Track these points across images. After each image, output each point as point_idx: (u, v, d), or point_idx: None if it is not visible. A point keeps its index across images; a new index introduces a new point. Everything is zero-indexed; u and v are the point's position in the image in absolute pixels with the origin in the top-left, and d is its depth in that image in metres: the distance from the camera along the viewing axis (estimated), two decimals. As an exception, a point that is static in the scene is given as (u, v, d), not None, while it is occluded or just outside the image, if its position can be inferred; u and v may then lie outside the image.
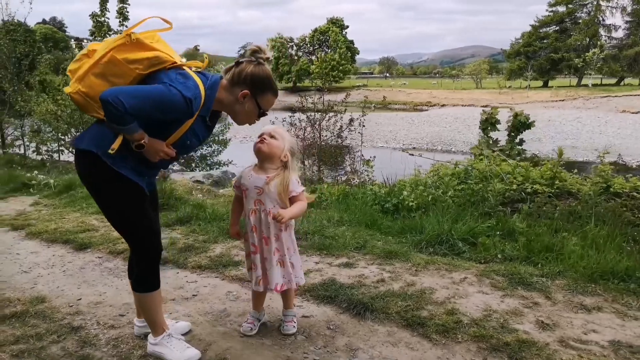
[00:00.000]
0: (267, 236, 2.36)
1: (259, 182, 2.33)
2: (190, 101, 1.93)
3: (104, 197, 2.10)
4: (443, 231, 4.01)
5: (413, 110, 51.65)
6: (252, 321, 2.58)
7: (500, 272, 3.23)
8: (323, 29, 73.04)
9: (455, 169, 6.20)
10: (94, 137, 2.03)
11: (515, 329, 2.54)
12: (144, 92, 1.87)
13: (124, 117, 1.82)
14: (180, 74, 1.99)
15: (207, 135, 2.21)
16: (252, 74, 2.08)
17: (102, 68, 1.92)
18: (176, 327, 2.51)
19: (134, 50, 1.94)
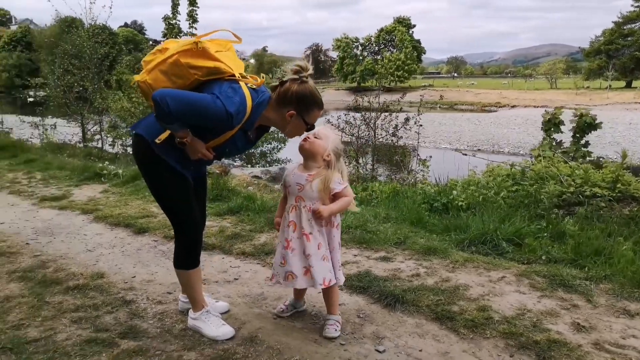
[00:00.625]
0: (308, 232, 2.39)
1: (300, 179, 2.40)
2: (232, 115, 2.04)
3: (150, 178, 2.32)
4: (488, 231, 3.94)
5: (481, 111, 49.98)
6: (287, 305, 2.70)
7: (541, 273, 3.15)
8: (389, 28, 72.41)
9: (511, 170, 6.04)
10: (148, 125, 2.24)
11: (548, 329, 2.49)
12: (191, 99, 2.01)
13: (168, 116, 1.98)
14: (231, 88, 2.10)
15: (248, 147, 2.36)
16: (297, 93, 2.18)
17: (167, 67, 2.09)
18: (216, 306, 2.68)
19: (197, 57, 2.09)
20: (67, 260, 3.43)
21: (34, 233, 4.03)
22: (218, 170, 7.18)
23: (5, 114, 17.44)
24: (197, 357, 2.27)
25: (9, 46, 72.80)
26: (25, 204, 4.92)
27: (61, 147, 11.00)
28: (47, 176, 6.21)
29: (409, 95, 10.25)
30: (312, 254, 2.39)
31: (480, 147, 24.70)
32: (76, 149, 10.87)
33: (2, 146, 8.17)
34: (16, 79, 59.44)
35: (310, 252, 2.39)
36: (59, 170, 6.44)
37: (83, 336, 2.41)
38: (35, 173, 6.38)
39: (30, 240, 3.85)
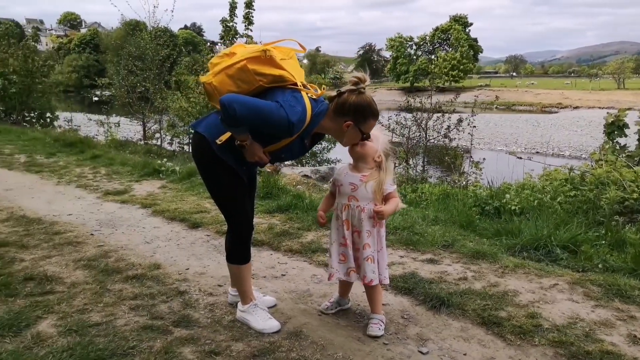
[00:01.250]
0: (359, 230, 2.48)
1: (354, 180, 2.47)
2: (293, 125, 2.12)
3: (207, 176, 2.43)
4: (541, 236, 3.83)
5: (540, 112, 48.02)
6: (332, 302, 2.76)
7: (597, 282, 3.02)
8: (445, 27, 70.94)
9: (570, 174, 5.80)
10: (209, 125, 2.34)
11: (601, 340, 2.40)
12: (257, 106, 2.08)
13: (233, 120, 2.07)
14: (294, 97, 2.18)
15: (302, 153, 2.45)
16: (354, 104, 2.24)
17: (234, 71, 2.19)
18: (263, 300, 2.76)
19: (264, 65, 2.19)
20: (127, 251, 3.65)
21: (98, 224, 4.31)
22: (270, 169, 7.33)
23: (75, 112, 18.62)
24: (244, 347, 2.36)
25: (78, 48, 77.54)
26: (91, 197, 5.25)
27: (124, 144, 11.62)
28: (110, 171, 6.60)
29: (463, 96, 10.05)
30: (360, 251, 2.49)
31: (539, 149, 23.72)
32: (137, 146, 11.45)
33: (71, 142, 8.74)
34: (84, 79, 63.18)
35: (360, 247, 2.50)
36: (121, 166, 6.83)
37: (140, 322, 2.57)
38: (100, 168, 6.80)
39: (94, 231, 4.12)
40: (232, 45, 2.46)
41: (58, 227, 4.17)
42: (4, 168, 6.80)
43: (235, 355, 2.29)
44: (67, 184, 5.92)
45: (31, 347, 2.28)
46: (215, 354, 2.29)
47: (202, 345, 2.36)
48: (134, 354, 2.27)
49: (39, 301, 2.75)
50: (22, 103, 14.52)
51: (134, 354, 2.27)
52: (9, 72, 14.04)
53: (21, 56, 14.33)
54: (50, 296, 2.84)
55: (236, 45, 2.34)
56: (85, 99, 41.59)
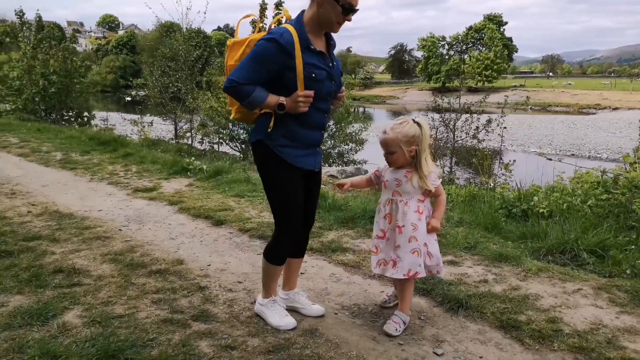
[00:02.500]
0: (402, 225, 2.47)
1: (399, 175, 2.50)
2: (274, 39, 2.14)
3: (263, 175, 2.44)
4: (568, 240, 3.73)
5: (577, 113, 46.59)
6: (391, 295, 2.80)
7: (623, 288, 2.93)
8: (478, 26, 69.69)
9: (602, 177, 5.61)
10: (256, 128, 2.40)
11: (624, 347, 2.32)
12: (242, 63, 2.19)
13: (242, 89, 2.13)
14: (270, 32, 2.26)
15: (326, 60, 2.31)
16: None
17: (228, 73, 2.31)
18: (312, 308, 2.69)
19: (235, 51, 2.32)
20: (152, 247, 3.75)
21: (126, 220, 4.44)
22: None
23: (111, 112, 19.21)
24: (259, 343, 2.40)
25: (116, 49, 79.86)
26: (121, 194, 5.42)
27: (156, 142, 11.92)
28: (141, 169, 6.78)
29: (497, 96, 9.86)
30: (402, 246, 2.46)
31: (575, 152, 23.06)
32: (169, 145, 11.72)
33: (105, 141, 9.01)
34: (121, 79, 65.05)
35: (400, 243, 2.47)
36: (151, 164, 7.01)
37: (161, 316, 2.64)
38: (131, 166, 7.00)
39: (122, 227, 4.25)
40: None
41: (88, 222, 4.32)
42: (41, 165, 7.09)
43: (250, 350, 2.33)
44: (99, 180, 6.12)
45: (57, 336, 2.38)
46: (231, 349, 2.34)
47: (218, 340, 2.41)
48: (152, 345, 2.34)
49: (66, 293, 2.86)
50: (61, 102, 15.08)
51: (152, 345, 2.34)
52: (50, 73, 14.60)
53: (60, 57, 14.88)
54: (77, 288, 2.95)
55: None
56: (121, 99, 42.83)
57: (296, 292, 2.73)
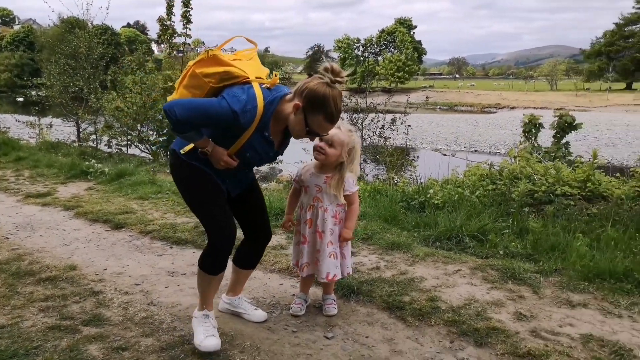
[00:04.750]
0: (321, 230, 2.57)
1: (319, 181, 2.56)
2: (237, 113, 2.00)
3: (182, 187, 2.32)
4: (454, 227, 4.07)
5: (480, 113, 50.01)
6: (300, 302, 2.77)
7: (495, 267, 3.27)
8: (390, 29, 72.55)
9: (490, 170, 6.16)
10: (178, 139, 2.28)
11: (490, 318, 2.61)
12: (196, 104, 2.01)
13: (178, 124, 1.98)
14: (240, 89, 2.07)
15: (269, 151, 2.23)
16: (310, 89, 2.07)
17: (187, 80, 2.14)
18: (254, 313, 2.65)
19: (209, 65, 2.10)
20: (42, 254, 3.56)
21: (14, 228, 4.16)
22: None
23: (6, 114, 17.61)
24: (153, 342, 2.40)
25: (11, 46, 73.16)
26: (10, 201, 5.06)
27: (56, 146, 11.14)
28: (34, 174, 6.35)
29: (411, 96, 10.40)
30: (322, 251, 2.59)
31: (477, 148, 24.75)
32: (71, 148, 11.01)
33: (-6, 145, 8.32)
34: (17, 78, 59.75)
35: (320, 248, 2.60)
36: (47, 168, 6.59)
37: (48, 323, 2.54)
38: (23, 171, 6.53)
39: (9, 234, 3.99)
40: None
41: (-30, 232, 4.00)
42: None
43: (143, 350, 2.33)
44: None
45: None
46: (123, 350, 2.32)
47: (110, 342, 2.38)
48: (37, 353, 2.26)
49: (-60, 306, 2.66)
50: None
51: (37, 353, 2.26)
52: None
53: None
54: (-47, 301, 2.74)
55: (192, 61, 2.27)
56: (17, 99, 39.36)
57: (239, 298, 2.69)
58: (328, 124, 2.13)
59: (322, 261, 2.59)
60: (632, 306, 2.73)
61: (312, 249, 2.62)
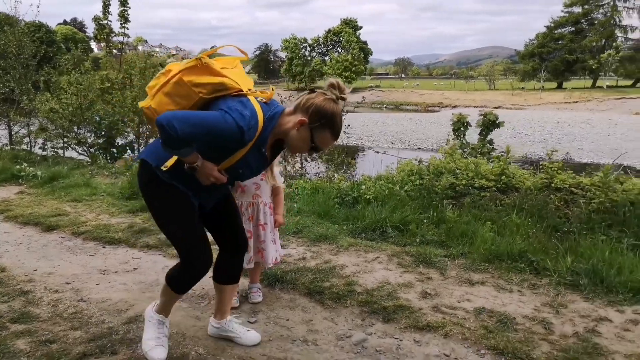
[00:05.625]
0: (264, 223, 2.83)
1: (256, 179, 2.77)
2: (243, 130, 1.87)
3: (153, 204, 2.14)
4: (379, 219, 4.38)
5: (424, 111, 51.62)
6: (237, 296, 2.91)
7: (410, 253, 3.59)
8: (336, 30, 73.42)
9: (419, 166, 6.56)
10: (153, 150, 2.10)
11: (399, 297, 2.91)
12: (198, 119, 1.84)
13: (176, 141, 1.81)
14: (239, 102, 1.94)
15: (263, 166, 2.15)
16: (318, 105, 1.98)
17: (170, 88, 1.97)
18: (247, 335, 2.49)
19: (201, 74, 1.95)
20: (-31, 258, 3.55)
21: (-62, 234, 4.09)
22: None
23: None
24: (81, 335, 2.51)
25: None
26: None
27: (-17, 150, 10.66)
28: (-40, 179, 6.15)
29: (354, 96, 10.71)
30: (266, 240, 2.85)
31: (420, 145, 25.63)
32: (2, 152, 10.57)
33: None
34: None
35: (265, 238, 2.85)
36: (-26, 173, 6.38)
37: (-26, 323, 2.59)
38: (-53, 176, 6.30)
39: None
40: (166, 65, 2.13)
41: None
42: None
43: (71, 342, 2.43)
44: None
45: None
46: (51, 342, 2.42)
47: (38, 337, 2.47)
48: (-39, 351, 2.32)
49: None
50: None
51: (-39, 351, 2.32)
52: None
53: None
54: None
55: (172, 64, 2.09)
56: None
57: (229, 321, 2.50)
58: (333, 139, 2.07)
59: (268, 249, 2.85)
60: (522, 282, 3.11)
61: (256, 240, 2.84)
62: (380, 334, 2.55)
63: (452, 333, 2.52)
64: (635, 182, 4.88)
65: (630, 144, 23.46)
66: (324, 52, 75.83)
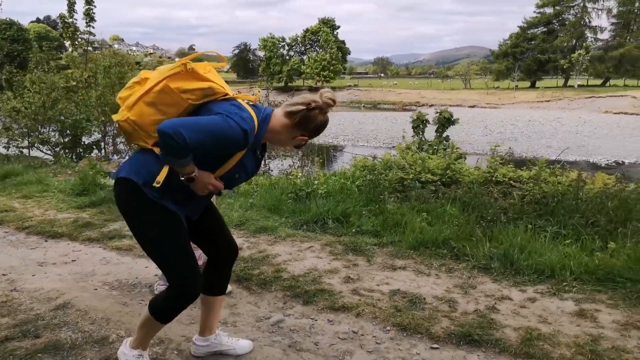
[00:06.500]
0: None
1: None
2: (247, 134, 1.84)
3: (140, 227, 1.99)
4: (322, 212, 4.55)
5: (402, 110, 52.13)
6: None
7: (343, 242, 3.76)
8: (314, 29, 73.58)
9: (373, 162, 6.76)
10: (135, 166, 1.94)
11: (322, 282, 3.07)
12: (205, 126, 1.78)
13: (184, 150, 1.74)
14: (234, 105, 1.91)
15: (257, 168, 2.10)
16: (319, 124, 2.01)
17: (154, 97, 1.88)
18: (238, 344, 2.41)
19: (187, 80, 1.89)
20: None
21: None
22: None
23: None
24: (7, 321, 2.60)
25: None
26: None
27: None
28: None
29: None
30: None
31: (395, 144, 25.93)
32: (-37, 152, 10.45)
33: None
34: None
35: None
36: None
37: None
38: None
39: None
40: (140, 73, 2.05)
41: None
42: None
43: (-4, 328, 2.53)
44: None
45: None
46: (-25, 329, 2.51)
47: (-36, 324, 2.55)
48: None
49: None
50: None
51: None
52: None
53: None
54: None
55: (145, 71, 2.01)
56: None
57: (217, 335, 2.37)
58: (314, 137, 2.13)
59: None
60: (441, 267, 3.30)
61: None
62: (298, 315, 2.71)
63: (364, 313, 2.69)
64: (569, 175, 5.16)
65: (596, 141, 24.26)
66: (302, 52, 75.92)
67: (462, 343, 2.39)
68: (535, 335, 2.39)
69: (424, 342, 2.41)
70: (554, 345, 2.32)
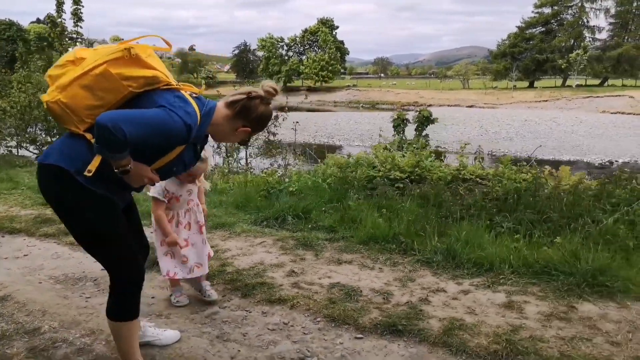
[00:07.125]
0: (202, 224, 2.80)
1: (190, 186, 2.72)
2: (191, 128, 1.78)
3: (74, 217, 1.87)
4: (283, 209, 4.58)
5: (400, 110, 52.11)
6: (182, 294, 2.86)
7: (296, 238, 3.79)
8: (313, 29, 73.63)
9: (346, 160, 6.79)
10: (64, 152, 1.82)
11: (265, 275, 3.10)
12: (147, 119, 1.70)
13: (122, 145, 1.65)
14: (177, 97, 1.83)
15: (194, 161, 2.05)
16: (261, 115, 1.96)
17: (92, 80, 1.75)
18: (165, 334, 2.41)
19: (130, 66, 1.78)
20: None
21: None
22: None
23: None
24: (-55, 314, 2.64)
25: None
26: None
27: None
28: None
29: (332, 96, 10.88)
30: (205, 243, 2.82)
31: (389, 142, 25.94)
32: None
33: None
34: None
35: (204, 238, 2.82)
36: None
37: None
38: None
39: None
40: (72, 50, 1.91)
41: None
42: None
43: None
44: None
45: None
46: None
47: None
48: None
49: None
50: None
51: None
52: None
53: None
54: None
55: (80, 49, 1.86)
56: None
57: (143, 327, 2.36)
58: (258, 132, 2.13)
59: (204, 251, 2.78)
60: (386, 261, 3.33)
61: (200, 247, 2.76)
62: (234, 307, 2.74)
63: (299, 305, 2.72)
64: (535, 173, 5.19)
65: (591, 141, 24.24)
66: (301, 52, 75.97)
67: (385, 333, 2.42)
68: (457, 326, 2.42)
69: (350, 332, 2.44)
70: (473, 335, 2.35)
